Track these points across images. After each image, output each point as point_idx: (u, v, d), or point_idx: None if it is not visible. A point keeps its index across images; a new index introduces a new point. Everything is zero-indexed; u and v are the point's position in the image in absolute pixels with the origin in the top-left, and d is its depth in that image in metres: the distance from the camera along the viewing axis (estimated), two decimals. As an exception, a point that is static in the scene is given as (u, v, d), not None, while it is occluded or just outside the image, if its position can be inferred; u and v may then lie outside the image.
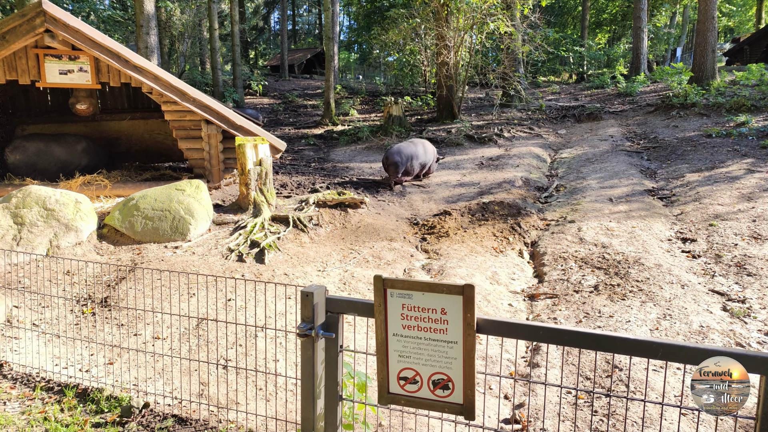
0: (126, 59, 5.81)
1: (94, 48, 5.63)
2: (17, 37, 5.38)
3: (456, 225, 6.70)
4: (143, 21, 11.31)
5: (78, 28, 5.48)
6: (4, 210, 4.84)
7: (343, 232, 6.34)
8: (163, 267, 4.80)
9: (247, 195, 6.14)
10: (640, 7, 20.23)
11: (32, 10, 5.27)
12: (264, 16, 40.06)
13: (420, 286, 2.06)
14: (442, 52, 12.17)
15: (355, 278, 4.95)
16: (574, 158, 10.22)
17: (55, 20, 5.37)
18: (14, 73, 6.06)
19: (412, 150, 8.21)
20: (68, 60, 6.21)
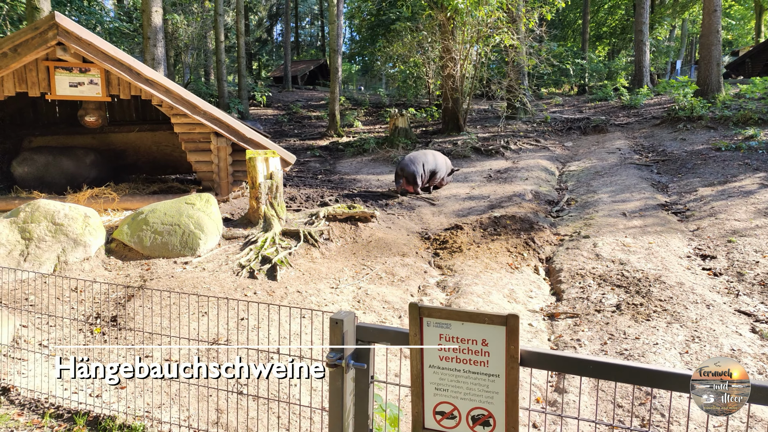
0: (138, 72, 5.74)
1: (106, 61, 5.55)
2: (29, 49, 5.31)
3: (468, 240, 6.57)
4: (150, 33, 11.30)
5: (90, 41, 5.41)
6: (12, 225, 4.72)
7: (354, 247, 6.22)
8: (173, 284, 4.67)
9: (257, 209, 6.03)
10: (641, 20, 20.33)
11: (45, 23, 5.20)
12: (267, 29, 40.35)
13: (459, 315, 1.93)
14: (448, 65, 12.15)
15: (369, 296, 4.82)
16: (583, 171, 10.12)
17: (68, 33, 5.30)
18: (24, 85, 5.98)
19: (426, 160, 8.17)
20: (78, 72, 6.14)
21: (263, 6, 37.14)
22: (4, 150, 7.45)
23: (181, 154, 8.70)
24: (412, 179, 8.02)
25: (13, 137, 7.48)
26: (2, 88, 5.92)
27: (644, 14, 20.22)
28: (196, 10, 22.55)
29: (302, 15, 44.23)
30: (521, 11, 12.09)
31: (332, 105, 14.98)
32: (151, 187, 7.37)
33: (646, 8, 20.38)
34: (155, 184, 7.67)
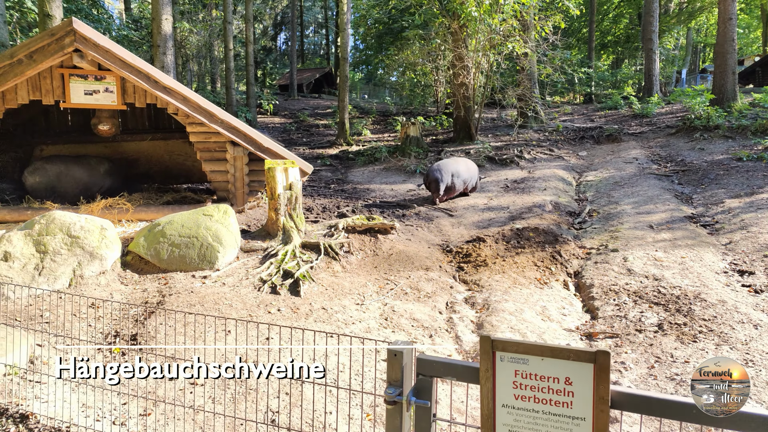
0: (155, 80, 5.61)
1: (124, 68, 5.42)
2: (45, 56, 5.18)
3: (492, 253, 6.39)
4: (160, 41, 11.23)
5: (108, 48, 5.28)
6: (27, 237, 4.56)
7: (375, 260, 6.03)
8: (193, 299, 4.49)
9: (276, 220, 5.86)
10: (651, 29, 20.25)
11: (62, 29, 5.08)
12: (272, 37, 40.52)
13: (539, 350, 1.74)
14: (461, 73, 12.03)
15: (396, 313, 4.63)
16: (601, 181, 9.95)
17: (85, 40, 5.18)
18: (38, 92, 5.85)
19: (456, 168, 8.14)
20: (94, 80, 6.02)
21: (268, 15, 37.33)
22: (15, 159, 7.31)
23: (193, 163, 8.56)
24: (435, 186, 7.99)
25: (25, 146, 7.34)
26: (16, 96, 5.79)
27: (653, 23, 20.13)
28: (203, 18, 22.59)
29: (306, 23, 44.43)
30: (534, 19, 11.99)
31: (341, 113, 14.87)
32: (165, 197, 7.22)
33: (656, 17, 20.30)
34: (168, 193, 7.51)
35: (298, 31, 39.96)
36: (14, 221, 5.83)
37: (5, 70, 5.18)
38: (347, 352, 3.81)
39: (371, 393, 3.26)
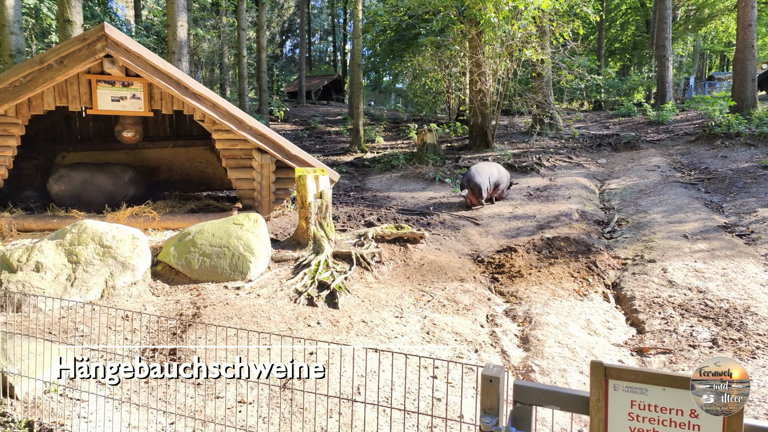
0: (186, 86, 5.52)
1: (155, 75, 5.34)
2: (76, 62, 5.10)
3: (525, 263, 6.25)
4: (175, 48, 11.19)
5: (139, 53, 5.20)
6: (58, 247, 4.45)
7: (407, 270, 5.90)
8: (229, 312, 4.37)
9: (306, 230, 5.75)
10: (664, 36, 20.16)
11: (93, 34, 5.00)
12: (279, 44, 40.71)
13: (659, 378, 1.61)
14: (478, 80, 11.96)
15: (437, 326, 4.49)
16: (625, 189, 9.81)
17: (117, 45, 5.10)
18: (65, 99, 5.78)
19: (491, 172, 8.25)
20: (121, 87, 5.94)
21: (276, 22, 37.52)
22: (36, 166, 7.24)
23: (214, 170, 8.47)
24: (479, 191, 8.08)
25: (46, 153, 7.27)
26: (42, 102, 5.72)
27: (667, 29, 20.05)
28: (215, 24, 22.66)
29: (312, 31, 44.64)
30: (552, 25, 11.93)
31: (356, 120, 14.81)
32: (188, 204, 7.12)
33: (669, 23, 20.22)
34: (190, 201, 7.42)
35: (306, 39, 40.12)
36: (40, 230, 5.74)
37: (34, 75, 5.10)
38: (396, 367, 3.68)
39: (427, 414, 3.13)
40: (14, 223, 5.57)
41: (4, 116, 5.55)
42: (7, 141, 5.66)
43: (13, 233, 5.52)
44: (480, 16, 11.02)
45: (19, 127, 5.70)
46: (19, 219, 5.64)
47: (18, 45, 10.50)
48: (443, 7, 12.39)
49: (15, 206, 6.14)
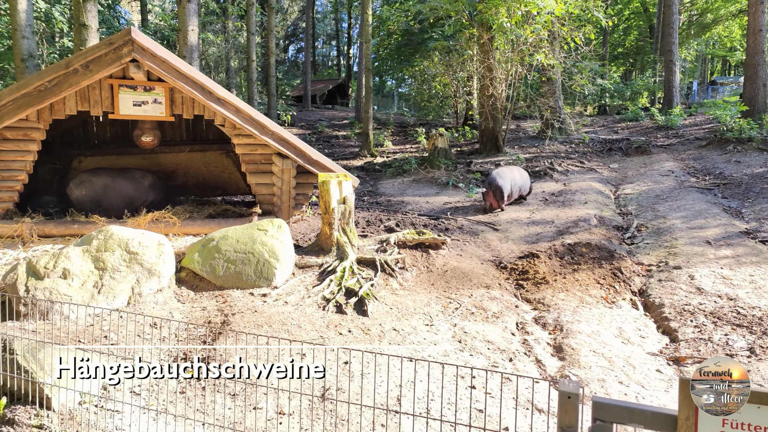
0: (210, 91, 5.48)
1: (180, 79, 5.30)
2: (102, 66, 5.06)
3: (548, 269, 6.18)
4: (186, 52, 11.17)
5: (165, 58, 5.16)
6: (85, 254, 4.39)
7: (430, 277, 5.84)
8: (258, 319, 4.30)
9: (330, 235, 5.68)
10: (671, 41, 20.16)
11: (120, 38, 4.96)
12: (283, 49, 40.82)
13: (754, 396, 1.55)
14: (490, 84, 11.92)
15: (468, 335, 4.42)
16: (641, 194, 9.75)
17: (143, 50, 5.06)
18: (87, 103, 5.74)
19: (513, 176, 8.37)
20: (143, 91, 5.90)
21: (280, 27, 37.63)
22: (53, 171, 7.19)
23: (230, 175, 8.42)
24: (500, 195, 8.19)
25: (63, 157, 7.22)
26: (64, 107, 5.67)
27: (674, 34, 20.05)
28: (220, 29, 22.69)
29: (316, 35, 44.77)
30: (563, 30, 11.90)
31: (365, 125, 14.78)
32: (205, 209, 7.06)
33: (675, 28, 20.23)
34: (207, 206, 7.36)
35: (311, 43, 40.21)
36: (60, 235, 5.68)
37: (60, 79, 5.06)
38: (432, 377, 3.61)
39: (466, 425, 3.06)
40: (35, 229, 5.52)
41: (26, 121, 5.51)
42: (29, 146, 5.62)
43: (34, 239, 5.46)
44: (492, 20, 11.00)
45: (40, 132, 5.66)
46: (39, 225, 5.59)
47: (30, 49, 10.46)
48: (455, 12, 12.38)
49: (34, 211, 6.08)
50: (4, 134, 5.50)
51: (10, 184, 5.67)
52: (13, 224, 5.52)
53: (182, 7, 11.40)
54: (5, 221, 5.57)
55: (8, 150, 5.56)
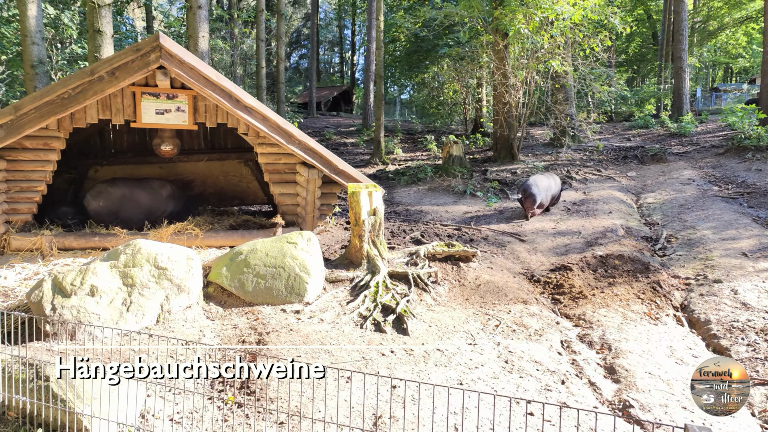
0: (237, 99, 5.31)
1: (207, 86, 5.13)
2: (128, 73, 4.89)
3: (583, 283, 5.99)
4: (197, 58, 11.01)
5: (193, 65, 4.99)
6: (113, 269, 4.19)
7: (464, 291, 5.64)
8: (294, 338, 4.10)
9: (360, 248, 5.49)
10: (680, 47, 20.09)
11: (147, 44, 4.79)
12: (287, 55, 40.84)
13: None
14: (508, 92, 11.79)
15: (514, 354, 4.22)
16: (665, 204, 9.58)
17: (171, 56, 4.89)
18: (108, 112, 5.56)
19: (549, 183, 8.53)
20: (166, 99, 5.73)
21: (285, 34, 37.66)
22: (68, 180, 7.00)
23: (248, 184, 8.25)
24: (533, 202, 8.30)
25: (79, 167, 7.04)
26: (85, 115, 5.50)
27: (683, 41, 19.99)
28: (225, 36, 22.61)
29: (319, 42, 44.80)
30: (579, 36, 11.79)
31: (377, 132, 14.64)
32: (225, 220, 6.87)
33: (685, 35, 20.17)
34: (227, 216, 7.17)
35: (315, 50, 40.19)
36: (81, 248, 5.48)
37: (84, 87, 4.89)
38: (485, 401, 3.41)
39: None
40: (55, 242, 5.32)
41: (46, 129, 5.33)
42: (48, 155, 5.44)
43: (53, 252, 5.26)
44: (509, 26, 10.88)
45: (60, 141, 5.48)
46: (59, 237, 5.39)
47: (39, 55, 10.32)
48: (467, 19, 12.27)
49: (52, 223, 5.89)
50: (23, 143, 5.32)
51: (29, 195, 5.49)
52: (31, 237, 5.32)
53: (192, 13, 11.26)
54: (23, 234, 5.37)
55: (28, 160, 5.38)
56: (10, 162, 5.32)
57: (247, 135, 6.07)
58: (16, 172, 5.39)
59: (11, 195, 5.41)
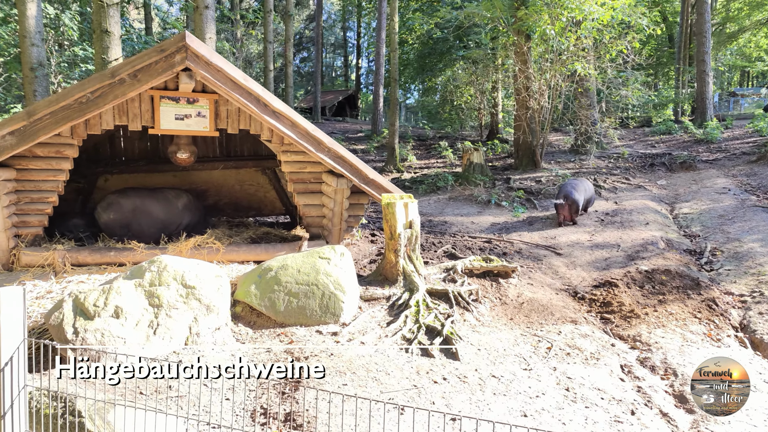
0: (265, 103, 5.16)
1: (235, 90, 4.99)
2: (151, 76, 4.75)
3: (631, 300, 5.81)
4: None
5: (220, 66, 4.85)
6: (137, 288, 4.02)
7: (506, 310, 5.46)
8: (337, 364, 3.91)
9: (395, 264, 5.32)
10: (703, 50, 20.06)
11: (172, 44, 4.66)
12: (289, 58, 40.99)
13: None
14: (532, 96, 11.68)
15: (574, 381, 4.03)
16: (702, 214, 9.41)
17: (197, 57, 4.75)
18: (125, 117, 5.42)
19: (585, 188, 8.70)
20: (186, 103, 5.59)
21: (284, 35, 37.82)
22: (77, 190, 6.85)
23: (265, 194, 8.10)
24: (576, 208, 8.42)
25: (88, 175, 6.89)
26: (100, 121, 5.35)
27: (706, 43, 19.96)
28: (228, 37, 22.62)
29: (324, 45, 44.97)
30: (605, 38, 11.71)
31: (391, 138, 14.53)
32: (244, 232, 6.71)
33: (708, 37, 20.14)
34: (243, 228, 7.01)
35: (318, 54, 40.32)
36: (96, 264, 5.31)
37: (104, 91, 4.74)
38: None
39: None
40: (68, 257, 5.15)
41: (59, 136, 5.18)
42: (61, 164, 5.28)
43: (67, 268, 5.09)
44: (534, 27, 10.80)
45: (73, 149, 5.33)
46: (72, 252, 5.22)
47: (39, 57, 10.23)
48: (486, 20, 12.20)
49: (62, 236, 5.73)
50: (34, 151, 5.17)
51: (40, 206, 5.32)
52: (43, 252, 5.15)
53: (199, 14, 11.18)
54: (34, 249, 5.21)
55: (39, 169, 5.23)
56: (20, 171, 5.17)
57: (270, 142, 5.93)
58: (27, 182, 5.24)
59: (21, 207, 5.25)
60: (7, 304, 2.68)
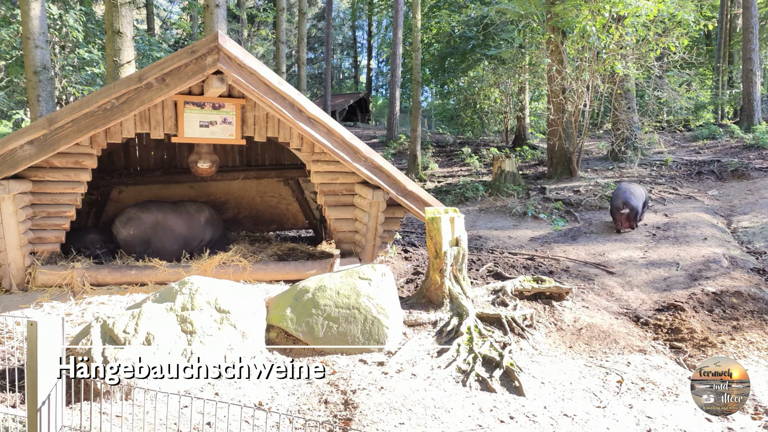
0: (300, 108, 5.09)
1: (268, 95, 4.91)
2: (180, 80, 4.69)
3: (702, 326, 5.60)
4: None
5: (254, 69, 4.78)
6: (169, 313, 3.92)
7: (564, 337, 5.29)
8: (391, 400, 3.77)
9: (440, 285, 5.19)
10: (750, 47, 19.83)
11: (204, 46, 4.60)
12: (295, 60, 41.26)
13: None
14: (570, 98, 11.55)
15: (654, 421, 3.83)
16: (765, 228, 9.17)
17: (230, 59, 4.69)
18: (147, 124, 5.37)
19: (641, 193, 8.73)
20: (211, 109, 5.54)
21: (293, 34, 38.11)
22: (90, 203, 6.82)
23: (287, 206, 8.02)
24: (635, 215, 8.50)
25: (102, 186, 6.86)
26: (121, 129, 5.31)
27: (753, 40, 19.73)
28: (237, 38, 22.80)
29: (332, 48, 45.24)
30: (650, 34, 11.56)
31: (413, 145, 14.46)
32: (268, 248, 6.62)
33: (755, 33, 19.90)
34: (268, 244, 6.92)
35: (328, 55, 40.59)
36: (116, 284, 5.24)
37: (130, 96, 4.70)
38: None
39: None
40: (87, 276, 5.08)
41: (78, 146, 5.14)
42: (80, 175, 5.23)
43: (86, 288, 5.02)
44: (573, 23, 10.69)
45: (92, 159, 5.28)
46: (91, 271, 5.15)
47: (43, 60, 10.31)
48: (518, 16, 12.12)
49: (78, 253, 5.67)
50: (52, 162, 5.13)
51: (58, 221, 5.27)
52: (60, 270, 5.09)
53: (209, 12, 11.21)
54: (50, 267, 5.14)
55: (57, 181, 5.18)
56: (36, 183, 5.13)
57: (300, 150, 5.85)
58: (43, 195, 5.19)
59: (37, 222, 5.20)
60: (45, 336, 2.59)
